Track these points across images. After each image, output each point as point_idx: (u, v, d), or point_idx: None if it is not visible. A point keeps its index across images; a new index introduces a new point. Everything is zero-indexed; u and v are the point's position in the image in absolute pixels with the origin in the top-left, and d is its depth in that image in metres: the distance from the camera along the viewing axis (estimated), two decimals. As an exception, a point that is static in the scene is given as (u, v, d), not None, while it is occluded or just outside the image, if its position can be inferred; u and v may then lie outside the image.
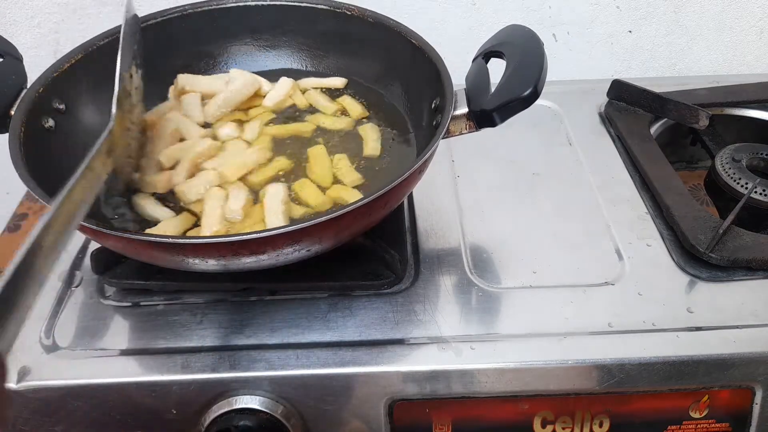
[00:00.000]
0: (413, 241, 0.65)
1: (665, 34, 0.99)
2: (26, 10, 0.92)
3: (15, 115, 0.57)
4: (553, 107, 0.84)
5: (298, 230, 0.48)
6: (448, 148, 0.76)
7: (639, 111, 0.81)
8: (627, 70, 1.02)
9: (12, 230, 0.81)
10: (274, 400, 0.53)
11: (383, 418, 0.54)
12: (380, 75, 0.70)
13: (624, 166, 0.74)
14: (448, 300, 0.59)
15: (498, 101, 0.55)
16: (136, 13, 0.64)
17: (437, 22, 0.96)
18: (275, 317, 0.57)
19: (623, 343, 0.55)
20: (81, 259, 0.64)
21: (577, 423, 0.55)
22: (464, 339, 0.55)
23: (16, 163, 0.53)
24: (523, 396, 0.54)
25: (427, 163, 0.55)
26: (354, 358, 0.54)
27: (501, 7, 0.95)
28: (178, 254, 0.49)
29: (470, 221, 0.67)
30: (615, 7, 0.96)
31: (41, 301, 0.59)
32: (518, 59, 0.57)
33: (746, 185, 0.70)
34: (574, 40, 0.99)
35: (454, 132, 0.57)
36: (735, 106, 0.83)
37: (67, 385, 0.52)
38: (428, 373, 0.53)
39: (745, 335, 0.55)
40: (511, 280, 0.61)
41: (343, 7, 0.70)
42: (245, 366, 0.53)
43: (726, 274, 0.61)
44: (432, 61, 0.62)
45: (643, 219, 0.67)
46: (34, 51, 0.94)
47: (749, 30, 0.99)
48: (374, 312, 0.58)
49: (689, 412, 0.55)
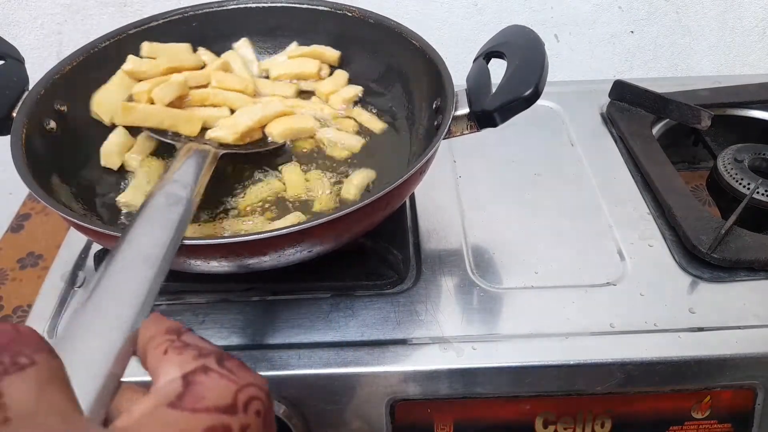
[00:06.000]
0: (415, 242, 0.65)
1: (667, 34, 0.99)
2: (29, 12, 0.92)
3: (17, 116, 0.57)
4: (554, 107, 0.84)
5: (299, 231, 0.48)
6: (449, 149, 0.76)
7: (641, 111, 0.81)
8: (629, 70, 1.02)
9: (15, 230, 0.81)
10: (275, 400, 0.53)
11: (385, 418, 0.54)
12: (381, 76, 0.70)
13: (626, 166, 0.74)
14: (449, 300, 0.59)
15: (499, 101, 0.55)
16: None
17: (438, 22, 0.96)
18: (277, 317, 0.57)
19: (625, 344, 0.55)
20: (84, 259, 0.64)
21: (578, 423, 0.55)
22: (466, 339, 0.55)
23: (18, 165, 0.53)
24: (524, 396, 0.54)
25: (428, 163, 0.55)
26: (356, 358, 0.54)
27: (502, 8, 0.95)
28: (179, 256, 0.49)
29: (472, 221, 0.67)
30: (617, 8, 0.96)
31: (44, 301, 0.60)
32: (519, 59, 0.57)
33: (748, 186, 0.70)
34: (576, 41, 0.99)
35: (455, 132, 0.57)
36: (737, 107, 0.82)
37: (69, 386, 0.53)
38: (430, 373, 0.53)
39: (747, 336, 0.55)
40: (513, 281, 0.61)
41: (344, 8, 0.70)
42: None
43: (728, 274, 0.61)
44: (433, 61, 0.62)
45: (644, 219, 0.67)
46: (36, 52, 0.95)
47: (751, 30, 0.99)
48: (376, 312, 0.58)
49: (691, 413, 0.55)
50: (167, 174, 0.52)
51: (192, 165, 0.54)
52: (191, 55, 0.69)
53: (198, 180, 0.52)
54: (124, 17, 0.93)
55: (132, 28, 0.67)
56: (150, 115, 0.61)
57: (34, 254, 0.78)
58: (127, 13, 0.93)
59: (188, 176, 0.52)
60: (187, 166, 0.54)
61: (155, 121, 0.61)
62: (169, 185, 0.49)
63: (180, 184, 0.49)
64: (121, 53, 0.65)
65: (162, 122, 0.61)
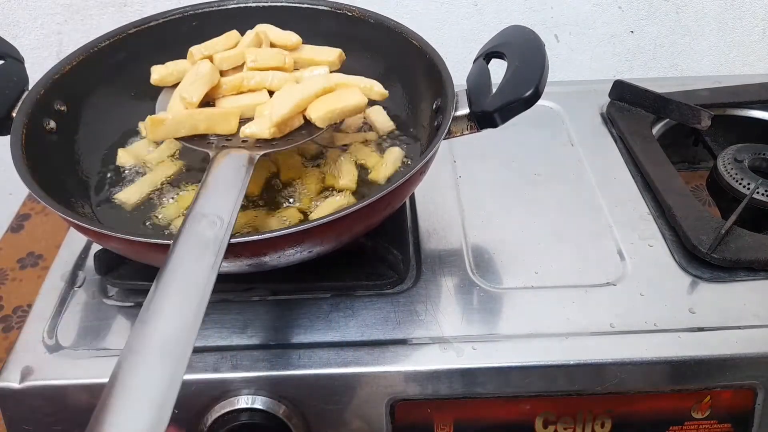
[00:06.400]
0: (415, 242, 0.65)
1: (667, 34, 0.99)
2: (29, 12, 0.92)
3: (17, 116, 0.57)
4: (554, 108, 0.84)
5: (299, 232, 0.48)
6: (449, 149, 0.76)
7: (641, 111, 0.81)
8: (629, 70, 1.02)
9: (15, 230, 0.81)
10: (275, 400, 0.53)
11: (385, 418, 0.54)
12: (381, 76, 0.70)
13: (626, 166, 0.74)
14: (449, 300, 0.59)
15: (499, 102, 0.55)
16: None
17: (439, 23, 0.96)
18: (277, 317, 0.57)
19: (625, 344, 0.55)
20: (84, 259, 0.64)
21: (578, 423, 0.55)
22: (466, 339, 0.55)
23: (17, 165, 0.53)
24: (524, 396, 0.54)
25: (428, 164, 0.55)
26: (356, 358, 0.54)
27: (503, 8, 0.95)
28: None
29: (472, 221, 0.67)
30: (617, 8, 0.96)
31: (44, 301, 0.60)
32: (519, 60, 0.57)
33: (748, 186, 0.70)
34: (576, 41, 0.99)
35: (455, 133, 0.57)
36: (737, 107, 0.82)
37: (69, 385, 0.53)
38: (430, 373, 0.53)
39: (747, 336, 0.55)
40: (513, 281, 0.61)
41: (344, 8, 0.70)
42: (247, 366, 0.53)
43: (728, 274, 0.61)
44: (433, 62, 0.62)
45: (644, 219, 0.67)
46: (36, 52, 0.95)
47: (751, 30, 0.99)
48: (376, 312, 0.58)
49: (691, 413, 0.55)
50: (203, 190, 0.48)
51: (226, 181, 0.49)
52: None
53: (236, 198, 0.48)
54: (124, 17, 0.93)
55: (132, 28, 0.67)
56: (181, 124, 0.56)
57: (34, 254, 0.78)
58: (127, 13, 0.93)
59: (223, 198, 0.47)
60: (221, 183, 0.49)
61: (188, 129, 0.56)
62: (205, 207, 0.46)
63: (216, 206, 0.46)
64: (121, 53, 0.65)
65: (196, 128, 0.56)
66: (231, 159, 0.52)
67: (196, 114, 0.56)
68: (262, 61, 0.61)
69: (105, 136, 0.66)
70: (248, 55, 0.61)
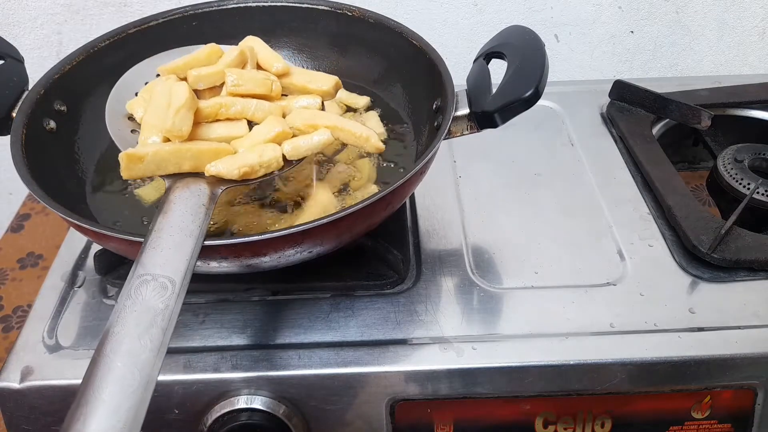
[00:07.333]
0: (415, 242, 0.65)
1: (667, 34, 0.99)
2: (29, 12, 0.92)
3: (16, 116, 0.57)
4: (554, 108, 0.84)
5: (299, 232, 0.48)
6: (449, 149, 0.76)
7: (641, 111, 0.81)
8: (629, 70, 1.02)
9: (15, 230, 0.81)
10: (276, 400, 0.53)
11: (385, 418, 0.54)
12: (381, 76, 0.70)
13: (626, 166, 0.74)
14: (449, 300, 0.59)
15: (499, 102, 0.55)
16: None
17: (439, 23, 0.96)
18: (277, 317, 0.57)
19: (625, 344, 0.55)
20: (84, 259, 0.64)
21: (578, 423, 0.55)
22: (466, 339, 0.55)
23: (17, 165, 0.53)
24: (524, 396, 0.54)
25: (428, 164, 0.55)
26: (356, 358, 0.54)
27: (503, 8, 0.95)
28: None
29: (472, 222, 0.67)
30: (617, 8, 0.96)
31: (44, 301, 0.60)
32: (519, 60, 0.57)
33: (748, 186, 0.70)
34: (576, 41, 0.99)
35: (455, 133, 0.58)
36: (737, 107, 0.83)
37: (69, 385, 0.53)
38: (430, 373, 0.53)
39: (747, 336, 0.55)
40: (513, 281, 0.61)
41: (344, 8, 0.70)
42: (247, 366, 0.53)
43: (728, 274, 0.61)
44: (433, 62, 0.62)
45: (645, 219, 0.67)
46: (37, 52, 0.95)
47: (751, 30, 0.99)
48: (376, 312, 0.58)
49: (691, 413, 0.55)
50: (153, 238, 0.42)
51: (182, 227, 0.42)
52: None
53: (192, 251, 0.41)
54: (124, 17, 0.93)
55: (132, 28, 0.67)
56: (165, 161, 0.48)
57: (34, 254, 0.78)
58: (127, 13, 0.93)
59: (178, 252, 0.40)
60: (175, 230, 0.42)
61: (173, 166, 0.48)
62: (155, 265, 0.40)
63: (167, 264, 0.40)
64: (121, 53, 0.65)
65: (180, 166, 0.48)
66: (190, 195, 0.46)
67: (183, 150, 0.48)
68: (245, 85, 0.54)
69: (105, 136, 0.66)
70: (228, 76, 0.53)
